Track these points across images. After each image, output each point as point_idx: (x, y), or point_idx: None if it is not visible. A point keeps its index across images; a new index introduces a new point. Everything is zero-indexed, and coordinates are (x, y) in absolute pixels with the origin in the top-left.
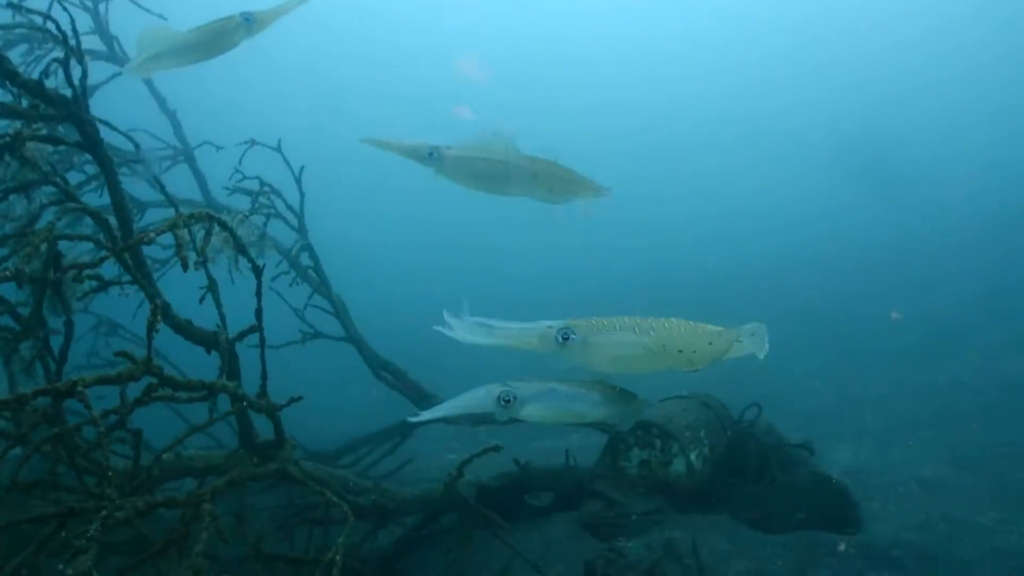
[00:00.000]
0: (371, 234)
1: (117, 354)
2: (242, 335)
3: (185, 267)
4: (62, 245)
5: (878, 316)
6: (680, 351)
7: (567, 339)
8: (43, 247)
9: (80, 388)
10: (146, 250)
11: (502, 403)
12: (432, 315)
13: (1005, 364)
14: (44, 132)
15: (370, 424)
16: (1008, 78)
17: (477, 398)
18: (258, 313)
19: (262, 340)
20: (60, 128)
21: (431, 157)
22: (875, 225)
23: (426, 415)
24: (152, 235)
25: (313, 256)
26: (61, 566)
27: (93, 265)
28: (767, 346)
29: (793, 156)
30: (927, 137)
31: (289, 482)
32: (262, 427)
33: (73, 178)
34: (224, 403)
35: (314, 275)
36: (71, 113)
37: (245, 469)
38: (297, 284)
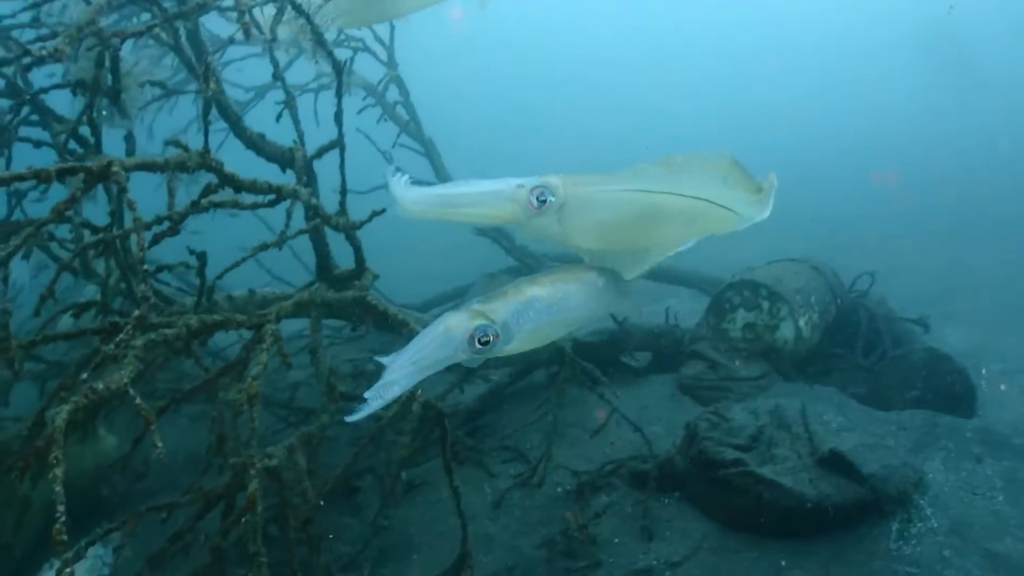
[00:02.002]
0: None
1: (168, 142)
2: (321, 152)
3: (248, 34)
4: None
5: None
6: (686, 210)
7: (543, 202)
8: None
9: (116, 168)
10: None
11: (478, 344)
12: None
13: None
14: None
15: (457, 278)
16: None
17: (436, 345)
18: (338, 116)
19: (342, 152)
20: None
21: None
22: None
23: (373, 404)
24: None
25: (403, 90)
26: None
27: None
28: (771, 205)
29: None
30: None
31: (368, 315)
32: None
33: None
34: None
35: (403, 113)
36: None
37: (319, 293)
38: (384, 121)
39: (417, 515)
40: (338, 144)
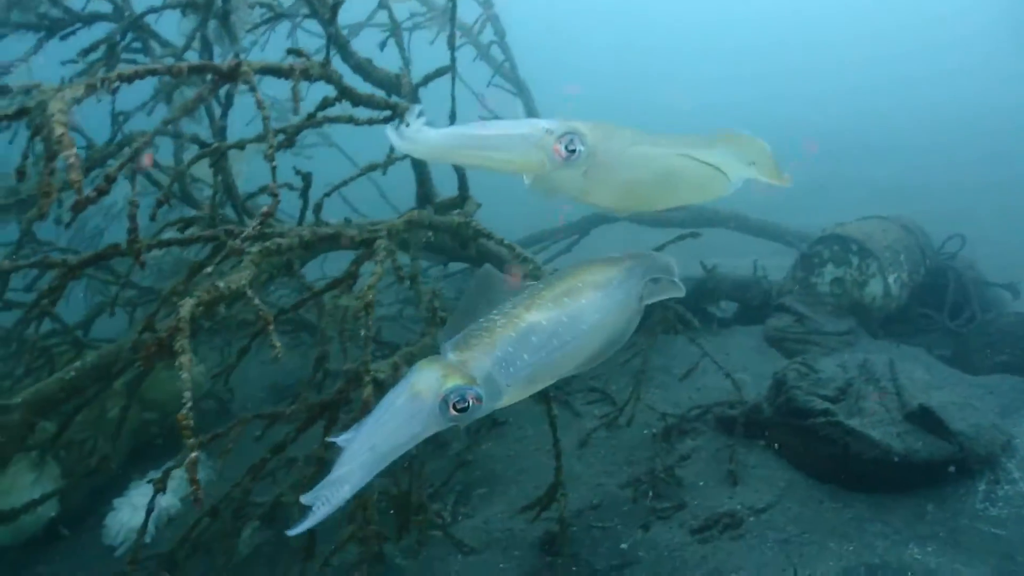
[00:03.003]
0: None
1: (291, 51)
2: (428, 79)
3: None
4: None
5: None
6: (704, 177)
7: (572, 151)
8: None
9: (245, 69)
10: None
11: (453, 411)
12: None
13: None
14: None
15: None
16: None
17: (400, 420)
18: (451, 40)
19: (453, 78)
20: None
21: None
22: None
23: (318, 513)
24: None
25: (498, 29)
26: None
27: None
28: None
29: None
30: None
31: (473, 239)
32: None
33: None
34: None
35: (498, 53)
36: None
37: (426, 215)
38: (478, 61)
39: (501, 451)
40: (448, 70)
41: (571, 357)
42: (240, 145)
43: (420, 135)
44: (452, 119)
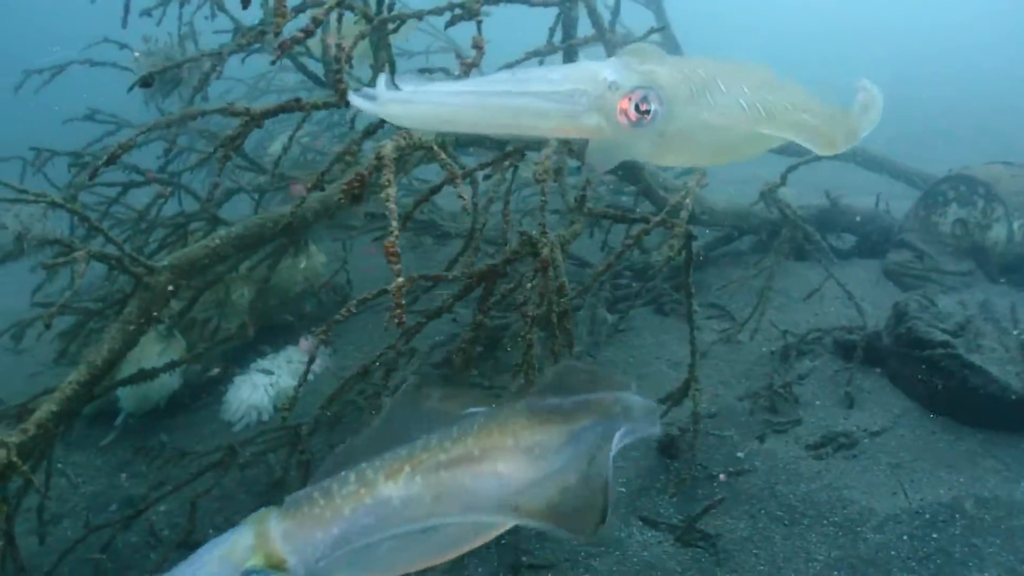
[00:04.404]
0: None
1: None
2: None
3: None
4: None
5: None
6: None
7: (647, 112)
8: None
9: None
10: None
11: None
12: None
13: None
14: None
15: None
16: None
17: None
18: None
19: None
20: None
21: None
22: None
23: None
24: None
25: None
26: None
27: None
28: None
29: None
30: None
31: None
32: None
33: None
34: None
35: None
36: None
37: None
38: None
39: (621, 357)
40: None
41: (422, 555)
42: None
43: (410, 96)
44: (615, 15)
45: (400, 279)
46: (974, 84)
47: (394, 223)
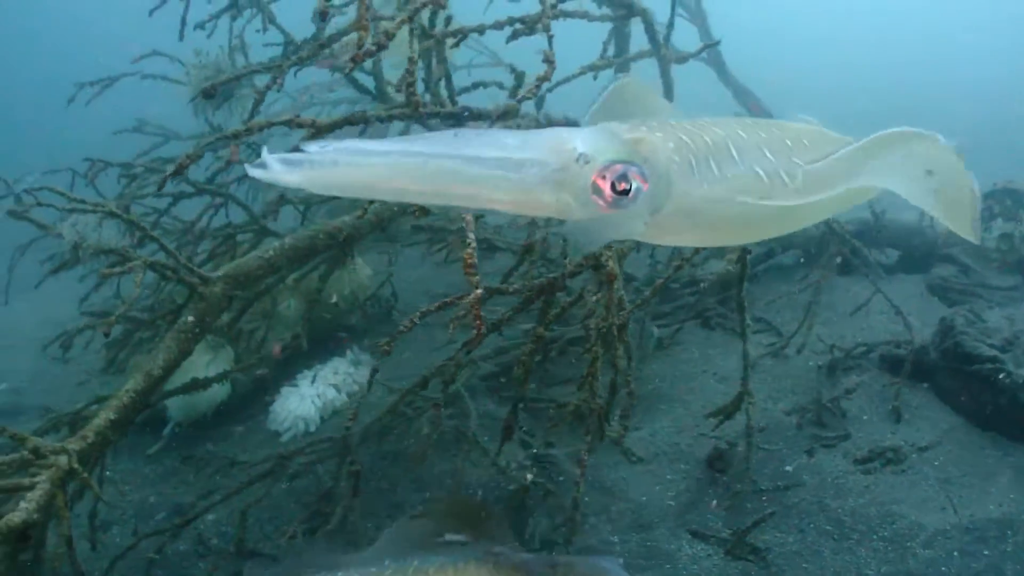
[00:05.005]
0: None
1: None
2: None
3: None
4: None
5: None
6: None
7: (626, 193)
8: None
9: None
10: None
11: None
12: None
13: None
14: None
15: None
16: None
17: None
18: None
19: None
20: None
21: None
22: None
23: None
24: None
25: None
26: None
27: None
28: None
29: None
30: None
31: None
32: None
33: None
34: None
35: None
36: None
37: None
38: None
39: (667, 371)
40: None
41: None
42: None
43: (330, 156)
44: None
45: (478, 290)
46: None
47: (470, 235)
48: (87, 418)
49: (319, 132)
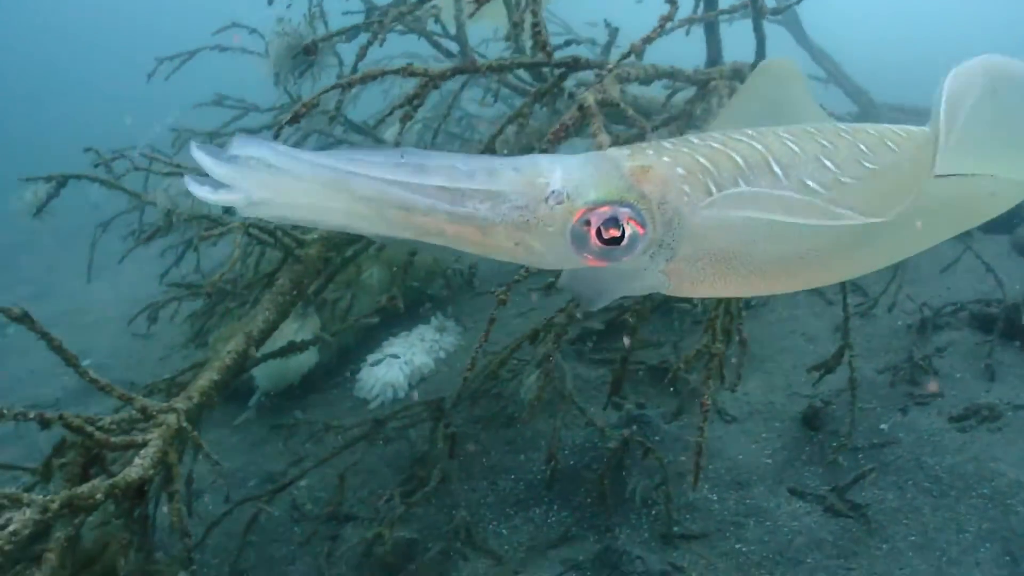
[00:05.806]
0: None
1: None
2: None
3: None
4: None
5: None
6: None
7: (614, 243)
8: None
9: None
10: None
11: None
12: None
13: None
14: None
15: None
16: None
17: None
18: None
19: None
20: None
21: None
22: None
23: None
24: None
25: None
26: None
27: None
28: None
29: None
30: None
31: None
32: None
33: None
34: None
35: None
36: None
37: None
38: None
39: (757, 332)
40: None
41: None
42: None
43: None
44: None
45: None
46: None
47: None
48: (181, 384)
49: (432, 80)
